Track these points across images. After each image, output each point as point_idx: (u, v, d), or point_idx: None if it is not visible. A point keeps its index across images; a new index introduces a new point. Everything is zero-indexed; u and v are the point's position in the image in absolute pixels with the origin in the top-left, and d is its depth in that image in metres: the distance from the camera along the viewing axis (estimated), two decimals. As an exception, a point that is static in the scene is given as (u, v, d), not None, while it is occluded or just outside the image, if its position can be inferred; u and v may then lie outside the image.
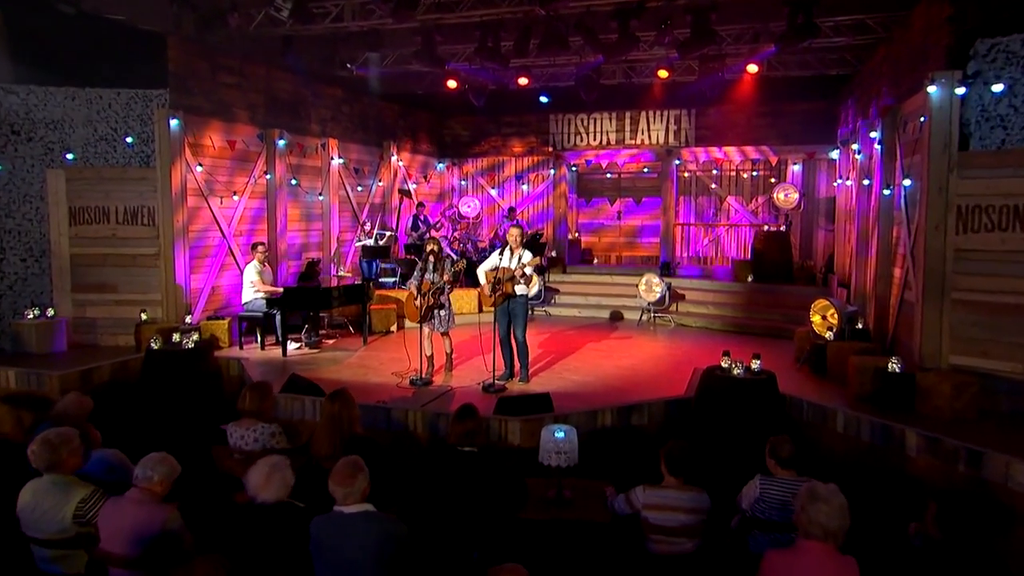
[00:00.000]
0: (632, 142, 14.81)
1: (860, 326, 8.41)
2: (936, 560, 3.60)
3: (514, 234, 7.72)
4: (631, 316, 12.36)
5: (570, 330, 11.45)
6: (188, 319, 9.10)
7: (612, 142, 14.97)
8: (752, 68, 10.58)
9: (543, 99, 13.76)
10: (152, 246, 9.19)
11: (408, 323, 10.22)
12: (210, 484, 4.89)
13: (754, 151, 14.28)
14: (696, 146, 14.44)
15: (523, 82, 11.63)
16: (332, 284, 11.37)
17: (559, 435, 4.69)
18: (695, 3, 8.54)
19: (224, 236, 10.08)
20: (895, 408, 6.44)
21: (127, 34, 8.87)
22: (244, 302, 9.69)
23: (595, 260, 16.14)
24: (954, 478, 5.44)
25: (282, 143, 10.83)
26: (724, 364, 6.78)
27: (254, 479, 3.64)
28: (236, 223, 10.31)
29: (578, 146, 15.22)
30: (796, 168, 14.92)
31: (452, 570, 4.15)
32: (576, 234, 16.56)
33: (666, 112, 14.49)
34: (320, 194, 12.00)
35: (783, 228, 14.38)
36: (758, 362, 6.78)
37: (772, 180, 15.34)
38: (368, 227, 13.07)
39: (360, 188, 13.12)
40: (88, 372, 7.88)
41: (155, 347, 7.97)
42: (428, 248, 7.96)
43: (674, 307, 12.33)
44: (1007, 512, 4.99)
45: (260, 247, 9.73)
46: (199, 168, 9.53)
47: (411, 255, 12.31)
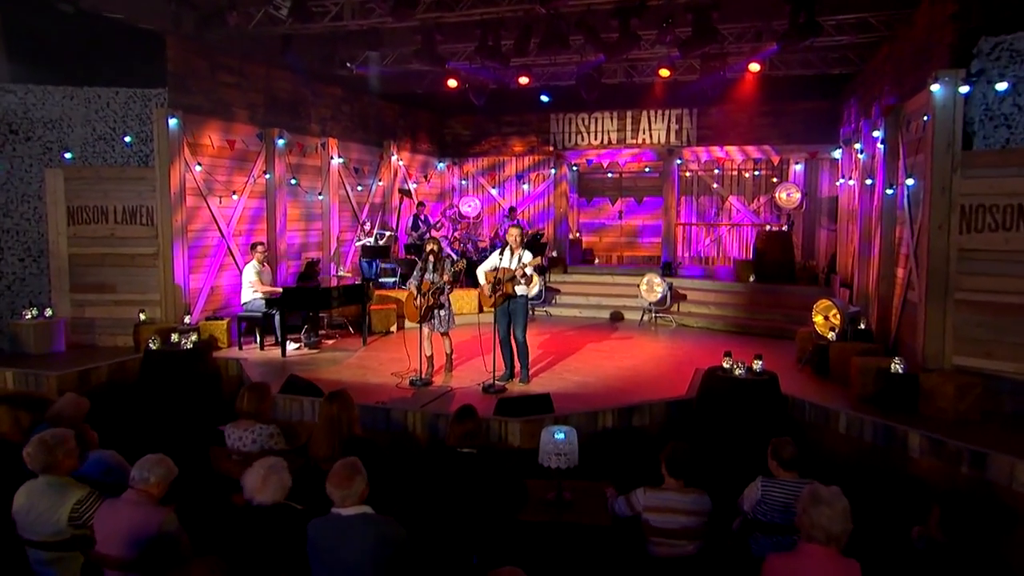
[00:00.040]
0: (633, 141, 14.77)
1: (863, 326, 8.38)
2: (940, 564, 3.58)
3: (514, 234, 7.68)
4: (632, 316, 12.32)
5: (571, 330, 11.41)
6: (187, 319, 9.08)
7: (613, 141, 14.93)
8: (754, 67, 10.55)
9: (544, 98, 13.72)
10: (151, 246, 9.16)
11: (408, 323, 10.19)
12: (208, 485, 4.88)
13: (756, 150, 14.24)
14: (698, 145, 14.40)
15: (524, 81, 11.61)
16: (332, 284, 11.34)
17: (559, 436, 4.67)
18: (696, 1, 8.50)
19: (223, 236, 10.05)
20: (898, 409, 6.40)
21: (126, 33, 8.86)
22: (243, 302, 9.66)
23: (596, 260, 16.12)
24: (958, 480, 5.41)
25: (281, 142, 10.80)
26: (726, 365, 6.74)
27: (251, 481, 3.62)
28: (235, 223, 10.28)
29: (579, 145, 15.18)
30: (798, 167, 14.90)
31: (451, 573, 4.12)
32: (577, 234, 16.54)
33: (667, 111, 14.45)
34: (320, 194, 11.97)
35: (785, 228, 14.36)
36: (760, 363, 6.74)
37: (774, 180, 15.32)
38: (368, 227, 13.05)
39: (360, 188, 13.09)
40: (86, 373, 7.85)
41: (153, 347, 7.94)
42: (428, 248, 7.92)
43: (675, 307, 12.28)
44: (1011, 514, 4.95)
45: (259, 247, 9.70)
46: (198, 167, 9.51)
47: (411, 255, 12.27)
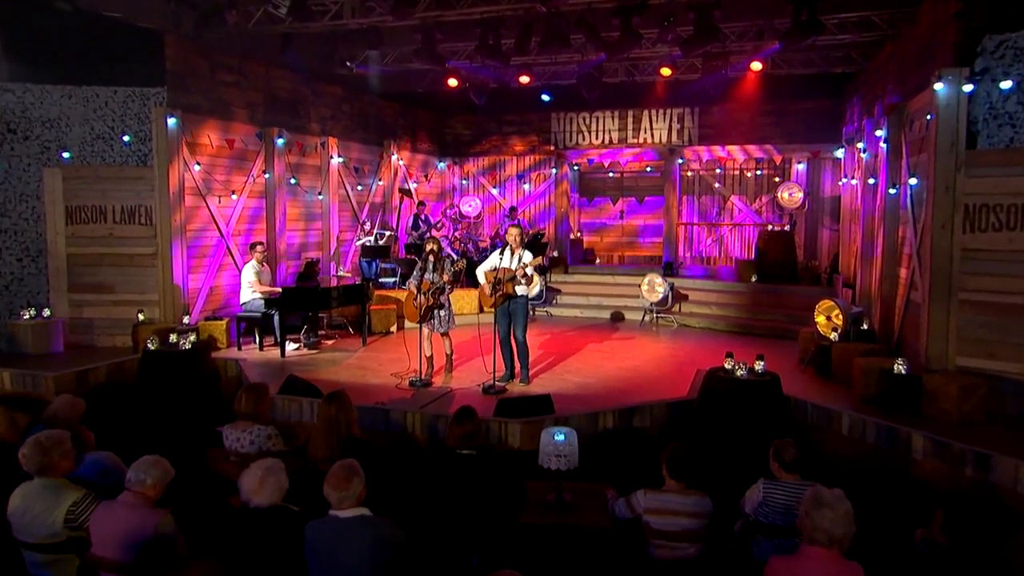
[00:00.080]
0: (635, 141, 14.73)
1: (865, 327, 8.33)
2: (943, 567, 3.54)
3: (514, 234, 7.64)
4: (633, 317, 12.27)
5: (571, 331, 11.37)
6: (186, 319, 9.05)
7: (614, 141, 14.89)
8: (756, 66, 10.50)
9: (545, 97, 13.69)
10: (149, 246, 9.13)
11: (408, 324, 10.16)
12: (206, 487, 4.85)
13: (758, 150, 14.18)
14: (699, 145, 14.35)
15: (524, 80, 11.58)
16: (331, 284, 11.31)
17: (559, 438, 4.65)
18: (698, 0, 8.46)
19: (222, 236, 10.02)
20: (901, 410, 6.36)
21: (124, 32, 8.85)
22: (242, 302, 9.62)
23: (597, 260, 16.08)
24: (961, 482, 5.38)
25: (281, 142, 10.76)
26: (727, 365, 6.70)
27: (248, 483, 3.59)
28: (234, 222, 10.25)
29: (580, 145, 15.14)
30: (800, 167, 14.86)
31: (450, 575, 4.09)
32: (578, 234, 16.51)
33: (669, 111, 14.40)
34: (319, 193, 11.93)
35: (787, 228, 14.33)
36: (762, 363, 6.70)
37: (776, 179, 15.27)
38: (368, 226, 13.02)
39: (360, 187, 13.05)
40: (84, 373, 7.82)
41: (152, 348, 7.90)
42: (428, 248, 7.88)
43: (677, 307, 12.24)
44: (1016, 517, 4.91)
45: (259, 247, 9.66)
46: (197, 167, 9.47)
47: (411, 255, 12.24)
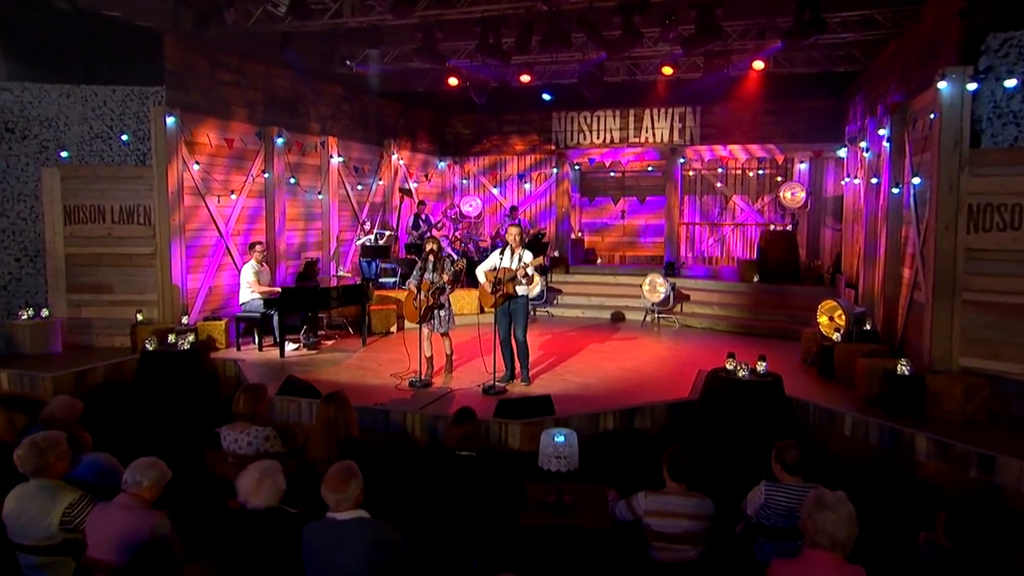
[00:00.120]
0: (636, 140, 14.69)
1: (868, 327, 8.28)
2: (947, 571, 3.50)
3: (513, 233, 7.61)
4: (635, 317, 12.23)
5: (572, 331, 11.33)
6: (185, 320, 9.02)
7: (615, 140, 14.85)
8: (758, 65, 10.44)
9: (545, 97, 13.63)
10: (148, 246, 9.09)
11: (408, 324, 10.13)
12: (203, 488, 4.82)
13: (760, 149, 14.13)
14: (701, 144, 14.31)
15: (525, 79, 11.55)
16: (331, 284, 11.28)
17: (559, 439, 4.62)
18: (700, -2, 8.42)
19: (221, 235, 9.99)
20: (904, 411, 6.32)
21: (123, 31, 8.83)
22: (241, 302, 9.58)
23: (598, 260, 16.04)
24: (965, 484, 5.34)
25: (280, 141, 10.73)
26: (729, 366, 6.67)
27: (244, 485, 3.57)
28: (234, 222, 10.22)
29: (581, 144, 15.10)
30: (803, 166, 14.81)
31: (449, 578, 4.06)
32: (579, 233, 16.47)
33: (670, 110, 14.36)
34: (319, 193, 11.90)
35: (790, 227, 14.27)
36: (764, 364, 6.66)
37: (779, 179, 15.21)
38: (368, 226, 12.98)
39: (360, 187, 13.02)
40: (82, 374, 7.79)
41: (150, 348, 7.87)
42: (427, 247, 7.85)
43: (678, 308, 12.20)
44: (1020, 520, 4.87)
45: (258, 247, 9.63)
46: (196, 166, 9.45)
47: (412, 255, 12.21)
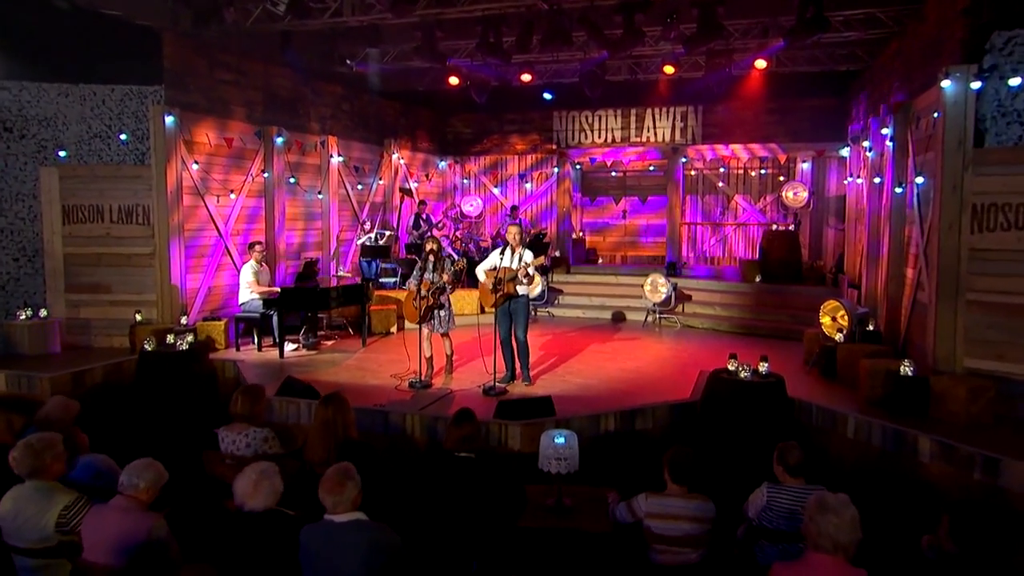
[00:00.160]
0: (637, 140, 14.65)
1: (871, 328, 8.26)
2: (951, 575, 3.45)
3: (513, 232, 7.57)
4: (636, 317, 12.19)
5: (573, 331, 11.30)
6: (184, 320, 8.99)
7: (617, 139, 14.81)
8: (760, 63, 10.41)
9: (546, 96, 13.62)
10: (147, 245, 9.06)
11: (408, 324, 10.09)
12: (201, 490, 4.79)
13: (762, 148, 14.09)
14: (703, 144, 14.27)
15: (526, 78, 11.52)
16: (331, 284, 11.24)
17: (559, 441, 4.59)
18: (701, -3, 8.38)
19: (221, 235, 9.96)
20: (908, 413, 6.28)
21: (122, 30, 8.81)
22: (241, 303, 9.55)
23: (600, 260, 15.99)
24: (969, 486, 5.30)
25: (280, 141, 10.70)
26: (731, 367, 6.63)
27: (241, 486, 3.54)
28: (233, 222, 10.18)
29: (582, 144, 15.07)
30: (805, 166, 14.75)
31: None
32: (580, 233, 16.42)
33: (672, 109, 14.32)
34: (319, 193, 11.87)
35: (792, 227, 14.22)
36: (766, 365, 6.63)
37: (781, 178, 15.15)
38: (368, 226, 12.95)
39: (360, 186, 12.99)
40: (80, 374, 7.76)
41: (149, 349, 7.83)
42: (428, 247, 7.80)
43: (680, 308, 12.16)
44: (1026, 522, 4.82)
45: (257, 246, 9.59)
46: (195, 166, 9.42)
47: (412, 255, 12.18)
